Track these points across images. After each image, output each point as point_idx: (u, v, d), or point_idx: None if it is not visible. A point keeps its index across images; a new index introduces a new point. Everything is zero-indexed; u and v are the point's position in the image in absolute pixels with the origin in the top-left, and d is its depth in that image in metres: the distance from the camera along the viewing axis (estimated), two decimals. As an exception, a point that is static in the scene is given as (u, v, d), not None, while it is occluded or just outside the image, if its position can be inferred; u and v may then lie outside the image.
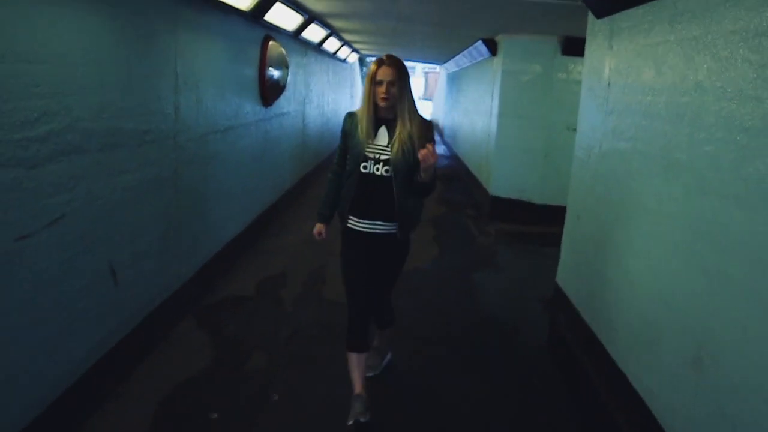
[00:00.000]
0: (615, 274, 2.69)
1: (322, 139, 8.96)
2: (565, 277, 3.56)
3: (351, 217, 2.50)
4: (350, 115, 2.55)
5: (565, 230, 3.60)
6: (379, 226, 2.48)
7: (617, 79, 2.83)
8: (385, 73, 2.36)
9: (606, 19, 3.00)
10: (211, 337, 3.22)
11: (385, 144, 2.43)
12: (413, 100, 2.44)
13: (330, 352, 3.06)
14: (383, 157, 2.42)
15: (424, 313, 3.80)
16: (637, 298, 2.41)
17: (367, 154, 2.43)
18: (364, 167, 2.43)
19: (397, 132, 2.39)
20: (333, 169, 2.63)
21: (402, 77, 2.38)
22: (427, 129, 2.45)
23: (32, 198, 1.98)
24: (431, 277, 4.49)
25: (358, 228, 2.50)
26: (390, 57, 2.41)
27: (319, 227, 2.64)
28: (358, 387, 2.49)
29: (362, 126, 2.43)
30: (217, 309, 3.60)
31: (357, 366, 2.51)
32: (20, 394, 1.98)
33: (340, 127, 2.59)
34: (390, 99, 2.37)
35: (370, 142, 2.43)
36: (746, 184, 1.69)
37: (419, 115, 2.46)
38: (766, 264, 1.56)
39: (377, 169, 2.43)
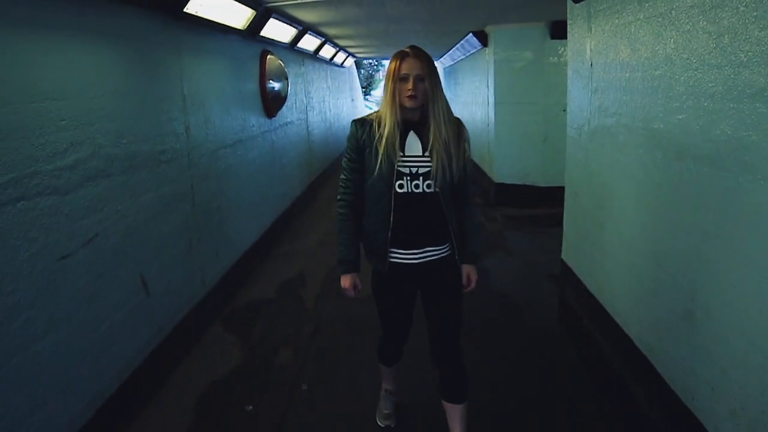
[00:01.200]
0: (612, 243, 2.84)
1: (327, 144, 9.16)
2: (569, 252, 3.70)
3: (393, 250, 2.02)
4: (361, 124, 2.03)
5: (565, 208, 3.75)
6: (430, 253, 2.05)
7: (598, 59, 2.98)
8: (411, 66, 1.90)
9: (584, 3, 3.15)
10: (239, 338, 3.42)
11: (420, 154, 1.98)
12: (445, 98, 1.99)
13: (352, 342, 3.24)
14: (422, 171, 1.97)
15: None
16: (634, 263, 2.56)
17: (400, 169, 1.96)
18: (401, 186, 1.97)
19: (431, 139, 1.95)
20: (345, 199, 2.08)
21: (432, 71, 1.94)
22: (462, 131, 2.04)
23: (68, 221, 2.18)
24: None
25: (406, 261, 2.04)
26: (414, 48, 1.95)
27: (349, 279, 2.09)
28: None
29: (387, 135, 1.94)
30: (242, 312, 3.80)
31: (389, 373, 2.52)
32: (68, 402, 2.18)
33: (344, 132, 2.35)
34: (419, 97, 1.92)
35: (402, 154, 1.97)
36: (716, 145, 1.84)
37: (452, 115, 2.02)
38: (736, 218, 1.71)
39: (417, 186, 1.97)
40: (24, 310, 1.92)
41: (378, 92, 32.43)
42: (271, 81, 5.14)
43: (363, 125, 2.02)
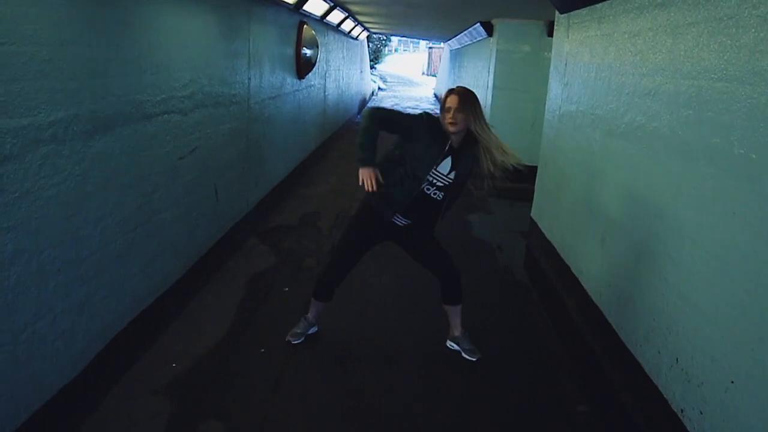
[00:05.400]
0: (564, 198, 3.85)
1: (338, 109, 10.06)
2: (536, 211, 4.72)
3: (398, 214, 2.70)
4: (429, 120, 2.59)
5: (537, 175, 4.75)
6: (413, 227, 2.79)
7: (570, 60, 3.94)
8: (451, 101, 2.53)
9: (565, 15, 4.10)
10: (272, 248, 4.40)
11: (446, 173, 2.61)
12: (488, 130, 2.60)
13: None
14: (439, 184, 2.61)
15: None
16: (574, 209, 3.57)
17: (428, 177, 2.59)
18: (428, 189, 2.62)
19: (460, 169, 2.63)
20: (374, 125, 2.52)
21: (468, 105, 2.54)
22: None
23: (184, 134, 3.13)
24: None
25: (396, 222, 2.73)
26: (459, 88, 2.63)
27: (372, 170, 2.50)
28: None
29: (435, 149, 2.55)
30: (273, 232, 4.78)
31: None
32: (172, 260, 3.14)
33: (353, 100, 3.12)
34: (458, 124, 2.52)
35: (435, 168, 2.58)
36: (627, 126, 2.82)
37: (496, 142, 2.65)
38: (638, 175, 2.69)
39: (427, 189, 2.62)
40: (160, 188, 2.88)
41: (384, 66, 33.16)
42: (305, 48, 6.04)
43: (431, 122, 2.59)
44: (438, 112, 2.69)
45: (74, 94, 2.09)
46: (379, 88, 22.40)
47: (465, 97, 2.56)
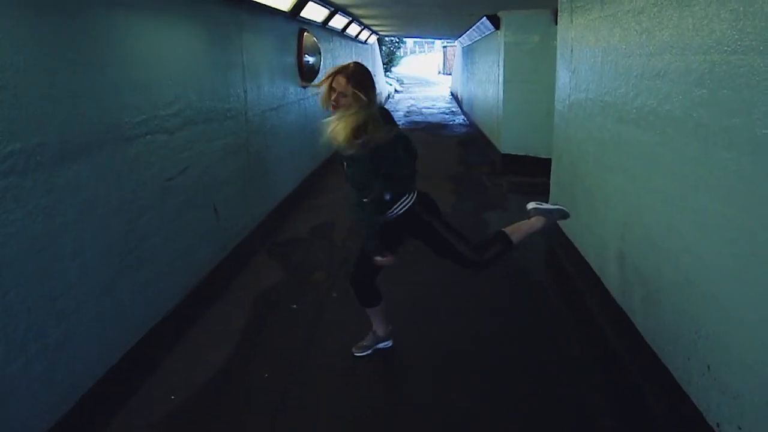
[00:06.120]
0: (579, 191, 3.61)
1: (350, 115, 9.93)
2: (553, 206, 4.47)
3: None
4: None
5: (552, 169, 4.51)
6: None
7: (576, 46, 3.71)
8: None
9: (568, 0, 3.86)
10: (281, 263, 4.27)
11: None
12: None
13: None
14: None
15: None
16: (593, 205, 3.33)
17: None
18: None
19: None
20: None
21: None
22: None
23: (172, 153, 3.01)
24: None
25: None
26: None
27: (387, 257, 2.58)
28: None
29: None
30: (283, 245, 4.65)
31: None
32: (168, 287, 3.03)
33: None
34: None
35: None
36: (638, 111, 2.59)
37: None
38: (654, 164, 2.44)
39: None
40: (147, 212, 2.76)
41: (400, 68, 33.02)
42: (306, 55, 5.92)
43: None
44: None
45: (36, 123, 1.98)
46: (396, 91, 22.23)
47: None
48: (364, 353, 2.90)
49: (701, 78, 1.96)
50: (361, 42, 11.40)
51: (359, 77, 2.42)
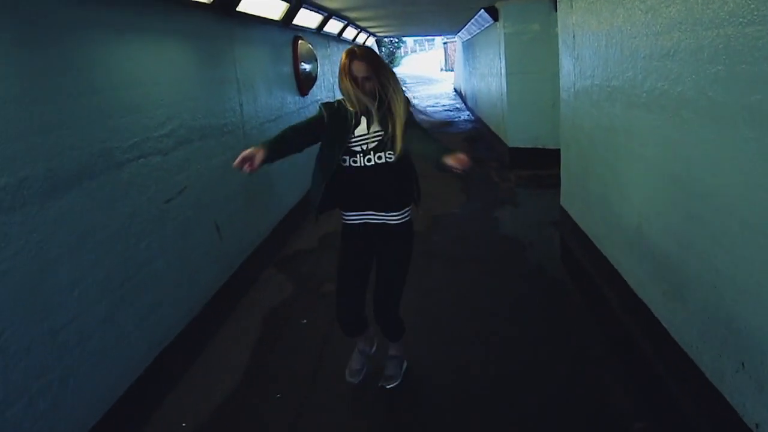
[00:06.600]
0: (592, 182, 3.48)
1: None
2: (566, 199, 4.34)
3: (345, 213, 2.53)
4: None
5: (561, 160, 4.38)
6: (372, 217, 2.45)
7: (578, 31, 3.58)
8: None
9: (566, -16, 3.74)
10: (289, 277, 4.18)
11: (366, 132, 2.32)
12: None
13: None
14: (369, 145, 2.32)
15: (455, 242, 4.66)
16: (607, 195, 3.20)
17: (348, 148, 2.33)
18: (354, 161, 2.35)
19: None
20: None
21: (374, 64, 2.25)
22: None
23: (168, 175, 2.93)
24: (460, 217, 5.37)
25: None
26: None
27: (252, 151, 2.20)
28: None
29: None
30: (291, 258, 4.57)
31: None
32: (171, 312, 2.95)
33: None
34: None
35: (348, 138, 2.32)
36: (649, 95, 2.46)
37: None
38: (669, 149, 2.31)
39: (354, 161, 2.34)
40: (146, 236, 2.69)
41: (401, 68, 32.87)
42: (302, 63, 5.83)
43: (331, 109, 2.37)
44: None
45: (21, 156, 1.90)
46: (398, 91, 22.00)
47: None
48: (395, 383, 2.65)
49: (715, 54, 1.83)
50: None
51: (372, 56, 2.26)
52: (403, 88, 2.35)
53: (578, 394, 2.53)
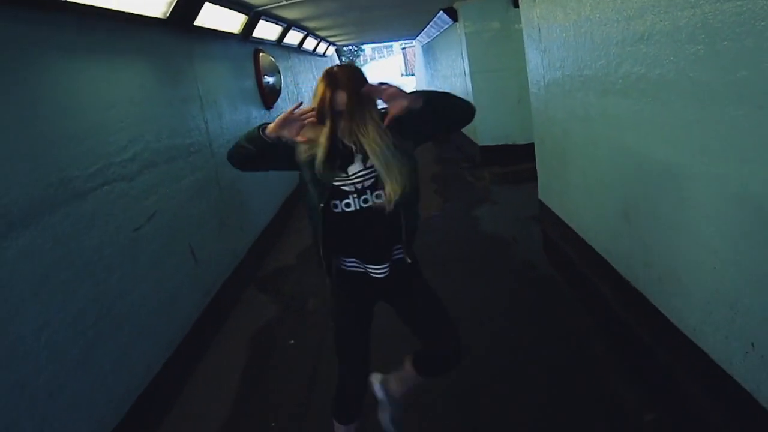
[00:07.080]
0: (570, 173, 3.45)
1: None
2: (544, 192, 4.31)
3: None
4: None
5: (536, 154, 4.35)
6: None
7: (543, 24, 3.55)
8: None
9: (527, -23, 3.72)
10: (272, 296, 4.04)
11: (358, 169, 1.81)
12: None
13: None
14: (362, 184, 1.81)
15: (439, 244, 4.58)
16: (588, 185, 3.16)
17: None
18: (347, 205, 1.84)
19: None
20: None
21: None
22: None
23: (135, 201, 2.78)
24: (441, 219, 5.31)
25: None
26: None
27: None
28: None
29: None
30: (271, 277, 4.42)
31: None
32: (150, 348, 2.78)
33: None
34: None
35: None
36: (625, 81, 2.43)
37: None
38: (651, 133, 2.27)
39: (347, 205, 1.84)
40: (117, 268, 2.53)
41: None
42: (265, 76, 5.71)
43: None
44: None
45: (-31, 194, 1.75)
46: (360, 99, 21.99)
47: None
48: None
49: (693, 34, 1.79)
50: (320, 55, 11.21)
51: (357, 82, 1.73)
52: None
53: (582, 389, 2.47)
